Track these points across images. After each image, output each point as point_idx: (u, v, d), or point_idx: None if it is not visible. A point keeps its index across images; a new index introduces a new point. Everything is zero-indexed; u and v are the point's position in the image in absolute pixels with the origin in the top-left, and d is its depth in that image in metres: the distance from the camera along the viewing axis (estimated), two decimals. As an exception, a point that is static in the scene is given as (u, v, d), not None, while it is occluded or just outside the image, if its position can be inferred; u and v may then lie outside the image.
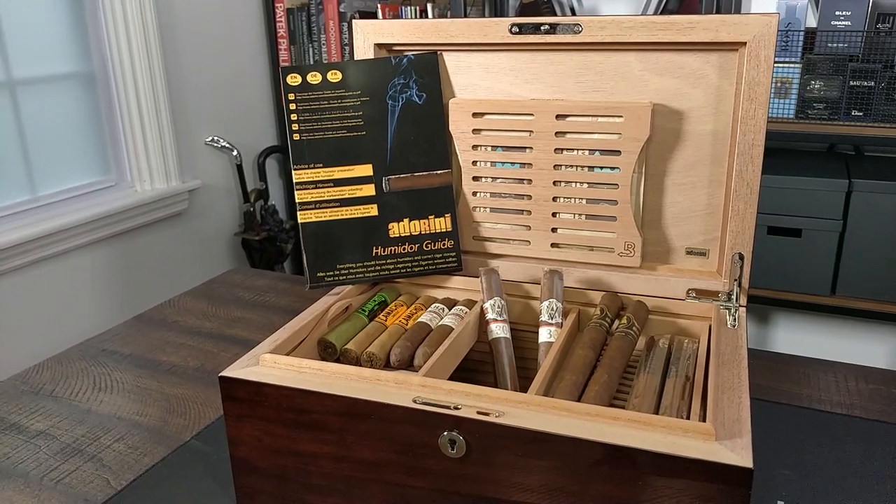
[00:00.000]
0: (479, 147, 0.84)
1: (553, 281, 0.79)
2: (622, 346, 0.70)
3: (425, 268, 0.85)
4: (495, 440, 0.58)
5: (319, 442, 0.65)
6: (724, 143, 0.77)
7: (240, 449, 0.68)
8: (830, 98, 1.98)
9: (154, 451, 0.81)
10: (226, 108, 2.55)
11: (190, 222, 2.48)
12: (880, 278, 2.06)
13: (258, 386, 0.65)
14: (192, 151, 2.45)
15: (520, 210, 0.85)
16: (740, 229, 0.76)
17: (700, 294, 0.79)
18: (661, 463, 0.54)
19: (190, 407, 0.89)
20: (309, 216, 0.83)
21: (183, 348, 1.05)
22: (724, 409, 0.58)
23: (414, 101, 0.83)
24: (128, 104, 2.24)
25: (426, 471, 0.61)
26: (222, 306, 1.19)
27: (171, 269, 2.42)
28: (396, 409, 0.60)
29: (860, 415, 0.84)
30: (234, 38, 2.55)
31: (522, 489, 0.58)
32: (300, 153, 0.83)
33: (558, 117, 0.80)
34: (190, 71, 2.40)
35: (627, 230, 0.81)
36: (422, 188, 0.84)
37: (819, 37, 1.95)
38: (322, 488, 0.66)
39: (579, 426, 0.57)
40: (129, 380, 0.96)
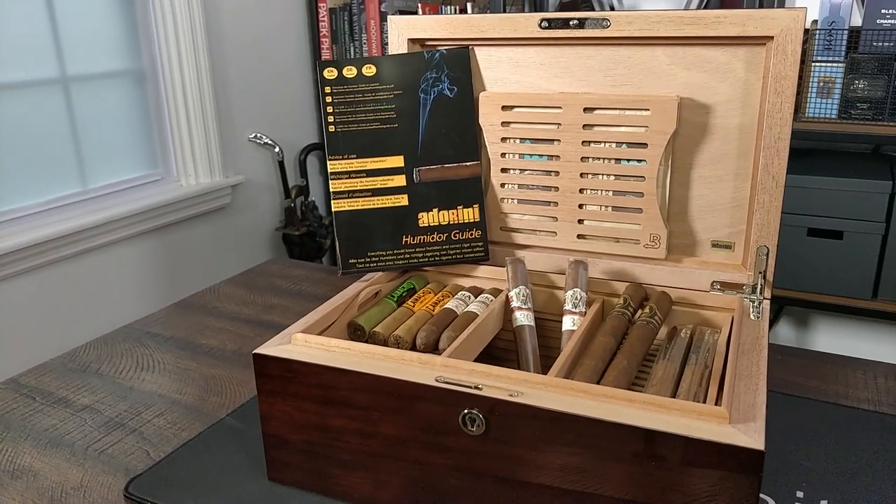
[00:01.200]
0: (507, 139, 0.86)
1: (578, 271, 0.81)
2: (643, 335, 0.72)
3: (453, 257, 0.87)
4: (514, 419, 0.60)
5: (346, 418, 0.67)
6: (750, 137, 0.77)
7: (271, 424, 0.72)
8: (874, 98, 1.94)
9: (191, 427, 0.85)
10: (269, 105, 2.61)
11: (232, 216, 2.54)
12: (925, 283, 2.01)
13: (289, 363, 0.68)
14: (236, 148, 2.52)
15: (547, 202, 0.87)
16: (765, 222, 0.76)
17: (724, 286, 0.80)
18: (675, 444, 0.55)
19: (226, 387, 0.93)
20: (342, 205, 0.86)
21: (221, 332, 1.09)
22: (741, 395, 0.59)
23: (445, 95, 0.86)
24: (175, 101, 2.31)
25: (447, 448, 0.64)
26: (260, 294, 1.23)
27: (213, 262, 2.49)
28: (419, 387, 0.63)
29: (888, 411, 0.83)
30: (278, 38, 2.61)
31: (539, 468, 0.60)
32: (335, 144, 0.86)
33: (586, 110, 0.81)
34: (234, 69, 2.47)
35: (653, 222, 0.82)
36: (451, 179, 0.86)
37: (864, 35, 1.92)
38: (348, 463, 0.69)
39: (596, 407, 0.58)
40: (169, 360, 1.01)
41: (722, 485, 0.54)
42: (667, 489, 0.56)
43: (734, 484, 0.54)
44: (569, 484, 0.60)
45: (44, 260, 1.96)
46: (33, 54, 1.94)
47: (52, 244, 1.97)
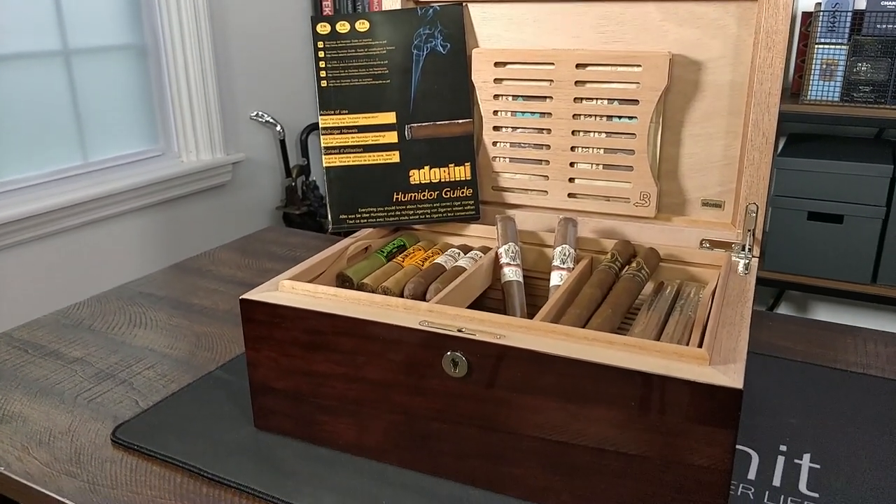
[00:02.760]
0: (500, 97, 0.86)
1: (567, 228, 0.81)
2: (629, 287, 0.72)
3: (444, 215, 0.87)
4: (495, 360, 0.60)
5: (332, 363, 0.68)
6: (741, 94, 0.77)
7: (258, 371, 0.72)
8: (877, 81, 1.93)
9: (181, 379, 0.85)
10: (271, 84, 2.61)
11: (233, 194, 2.55)
12: (924, 268, 2.00)
13: (276, 308, 0.68)
14: (237, 125, 2.52)
15: (538, 160, 0.87)
16: (755, 179, 0.76)
17: (714, 245, 0.80)
18: (655, 384, 0.55)
19: (217, 343, 0.94)
20: (333, 160, 0.86)
21: (215, 293, 1.09)
22: (723, 340, 0.60)
23: (438, 52, 0.86)
24: (177, 77, 2.31)
25: (430, 392, 0.64)
26: (255, 259, 1.23)
27: (212, 239, 2.50)
28: (403, 331, 0.63)
29: (875, 374, 0.83)
30: (281, 16, 2.60)
31: (521, 408, 0.61)
32: (327, 99, 0.86)
33: (578, 66, 0.81)
34: (237, 46, 2.46)
35: (643, 180, 0.82)
36: (443, 137, 0.87)
37: (868, 18, 1.91)
38: (333, 409, 0.69)
39: (578, 349, 0.58)
40: (162, 318, 1.01)
41: (701, 425, 0.54)
42: (646, 431, 0.56)
43: (713, 424, 0.54)
44: (549, 427, 0.60)
45: (44, 231, 1.97)
46: (35, 25, 1.94)
47: (53, 216, 1.97)
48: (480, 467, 0.64)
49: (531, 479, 0.62)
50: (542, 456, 0.61)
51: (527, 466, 0.62)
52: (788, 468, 0.67)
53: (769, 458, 0.69)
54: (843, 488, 0.64)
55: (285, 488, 0.65)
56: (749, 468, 0.67)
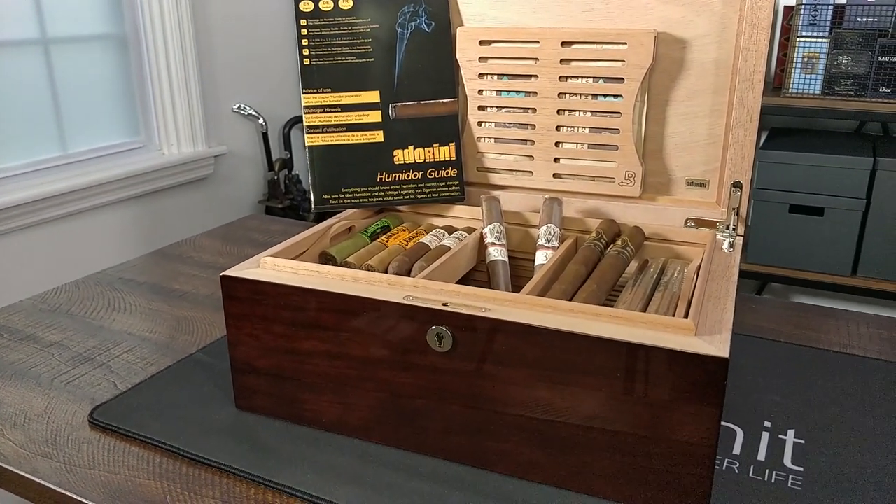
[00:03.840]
0: (485, 76, 0.85)
1: (552, 207, 0.80)
2: (614, 264, 0.71)
3: (429, 195, 0.87)
4: (481, 334, 0.59)
5: (315, 340, 0.67)
6: (726, 72, 0.77)
7: (239, 349, 0.71)
8: (858, 74, 1.95)
9: (160, 362, 0.84)
10: (253, 76, 2.59)
11: (215, 187, 2.52)
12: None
13: (258, 284, 0.67)
14: (219, 118, 2.49)
15: (523, 140, 0.86)
16: (739, 157, 0.76)
17: (698, 223, 0.79)
18: (642, 355, 0.55)
19: (197, 326, 0.92)
20: (316, 139, 0.85)
21: (196, 279, 1.08)
22: (708, 312, 0.59)
23: (423, 30, 0.85)
24: (158, 68, 2.29)
25: (414, 366, 0.63)
26: (237, 245, 1.22)
27: (194, 232, 2.47)
28: (387, 305, 0.62)
29: (858, 353, 0.84)
30: (265, 7, 2.58)
31: (506, 383, 0.60)
32: (310, 77, 0.85)
33: (563, 44, 0.81)
34: (219, 38, 2.44)
35: (628, 159, 0.81)
36: (427, 116, 0.86)
37: (848, 11, 1.92)
38: (316, 387, 0.68)
39: (563, 321, 0.58)
40: (141, 303, 1.00)
41: (688, 395, 0.54)
42: (633, 403, 0.56)
43: (699, 394, 0.54)
44: (535, 402, 0.59)
45: (22, 223, 1.93)
46: (13, 13, 1.91)
47: (31, 207, 1.94)
48: (465, 444, 0.63)
49: (516, 454, 0.62)
50: (527, 431, 0.61)
51: (512, 442, 0.62)
52: (773, 443, 0.67)
53: (754, 433, 0.68)
54: (828, 462, 0.64)
55: (267, 467, 0.64)
56: (734, 444, 0.67)
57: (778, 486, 0.61)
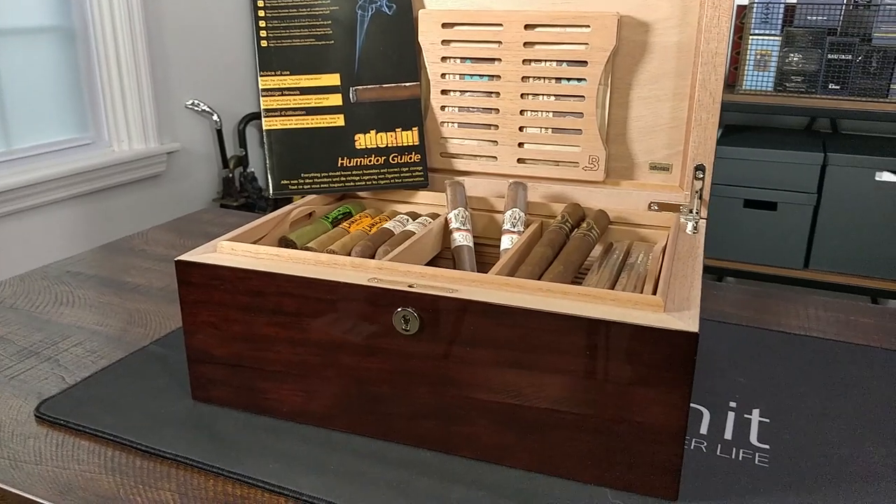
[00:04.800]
0: (448, 59, 0.84)
1: (517, 192, 0.79)
2: (580, 246, 0.71)
3: (392, 181, 0.85)
4: (447, 315, 0.58)
5: (275, 326, 0.64)
6: (688, 56, 0.77)
7: (195, 338, 0.68)
8: (808, 71, 2.00)
9: (112, 355, 0.80)
10: (207, 71, 2.54)
11: (168, 185, 2.46)
12: (852, 252, 2.08)
13: (215, 269, 0.65)
14: (172, 114, 2.43)
15: (487, 125, 0.85)
16: (702, 140, 0.76)
17: (662, 207, 0.80)
18: (612, 331, 0.54)
19: (151, 319, 0.89)
20: (274, 123, 0.83)
21: (148, 272, 1.04)
22: (676, 290, 0.59)
23: (384, 12, 0.83)
24: (107, 62, 2.22)
25: (380, 351, 0.61)
26: (191, 238, 1.18)
27: (147, 231, 2.41)
28: (352, 288, 0.60)
29: (817, 335, 0.85)
30: (218, 2, 2.53)
31: (474, 365, 0.59)
32: (267, 60, 0.82)
33: (527, 27, 0.80)
34: (172, 32, 2.38)
35: (592, 143, 0.81)
36: (389, 100, 0.84)
37: (799, 10, 1.97)
38: (277, 375, 0.66)
39: (532, 300, 0.57)
40: (91, 296, 0.96)
41: (657, 371, 0.54)
42: (602, 381, 0.55)
43: (669, 370, 0.53)
44: (503, 384, 0.58)
45: (-38, 220, 1.85)
46: (-49, 2, 1.83)
47: (-29, 204, 1.86)
48: (432, 428, 0.62)
49: (484, 438, 0.60)
50: (495, 414, 0.59)
51: (480, 425, 0.60)
52: (739, 422, 0.67)
53: (720, 414, 0.68)
54: (792, 439, 0.64)
55: (227, 457, 0.62)
56: (701, 424, 0.67)
57: (745, 463, 0.61)
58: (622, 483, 0.57)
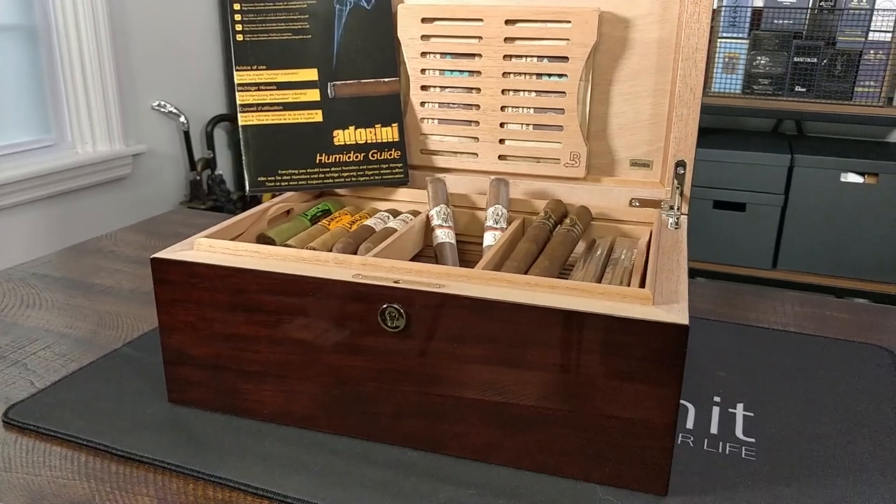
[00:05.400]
0: (427, 54, 0.83)
1: (499, 188, 0.79)
2: (564, 241, 0.70)
3: (371, 178, 0.84)
4: (435, 310, 0.57)
5: (256, 325, 0.63)
6: (668, 51, 0.78)
7: (172, 338, 0.66)
8: (775, 74, 2.04)
9: (82, 358, 0.78)
10: (174, 72, 2.49)
11: (134, 188, 2.41)
12: (819, 252, 2.12)
13: (193, 267, 0.63)
14: (138, 115, 2.38)
15: (468, 121, 0.84)
16: (683, 135, 0.77)
17: (643, 203, 0.80)
18: (601, 325, 0.53)
19: (122, 321, 0.86)
20: (250, 118, 0.81)
21: (118, 273, 1.01)
22: (663, 283, 0.59)
23: (362, 6, 0.82)
24: (70, 62, 2.17)
25: (365, 349, 0.60)
26: (162, 239, 1.15)
27: (112, 235, 2.35)
28: (335, 285, 0.59)
29: (794, 330, 0.86)
30: (185, 1, 2.49)
31: (461, 361, 0.58)
32: (243, 54, 0.81)
33: (507, 23, 0.79)
34: (137, 31, 2.33)
35: (573, 139, 0.81)
36: (368, 96, 0.83)
37: (765, 13, 2.01)
38: (258, 375, 0.64)
39: (520, 294, 0.56)
40: (59, 299, 0.92)
41: (648, 364, 0.53)
42: (592, 375, 0.55)
43: (660, 363, 0.53)
44: (491, 380, 0.57)
45: (-82, 224, 1.79)
46: None
47: (-72, 207, 1.80)
48: (418, 427, 0.61)
49: (472, 436, 0.59)
50: (483, 411, 0.58)
51: (467, 423, 0.59)
52: (724, 417, 0.67)
53: (705, 408, 0.68)
54: (777, 432, 0.65)
55: (206, 461, 0.60)
56: (687, 419, 0.67)
57: (732, 457, 0.61)
58: (612, 479, 0.57)
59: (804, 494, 0.56)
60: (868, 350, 0.80)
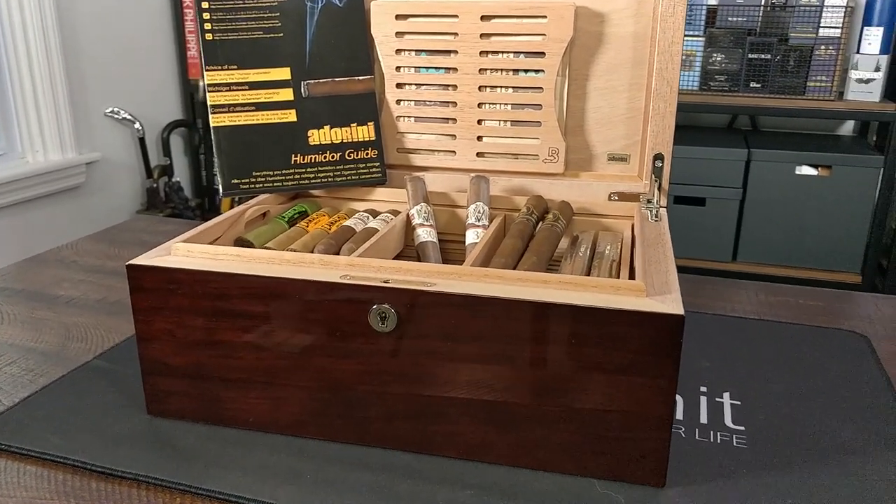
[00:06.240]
0: (402, 52, 0.82)
1: (480, 185, 0.78)
2: (549, 237, 0.70)
3: (348, 178, 0.82)
4: (427, 310, 0.56)
5: (239, 330, 0.61)
6: (644, 45, 0.78)
7: (150, 348, 0.63)
8: (731, 70, 2.08)
9: (51, 372, 0.74)
10: (128, 78, 2.43)
11: (88, 197, 2.34)
12: (777, 243, 2.17)
13: (171, 273, 0.61)
14: (91, 122, 2.31)
15: (445, 119, 0.83)
16: (660, 129, 0.77)
17: (622, 197, 0.80)
18: (596, 318, 0.53)
19: (91, 333, 0.83)
20: (223, 119, 0.79)
21: (83, 283, 0.98)
22: (653, 275, 0.59)
23: (334, 3, 0.81)
24: (18, 68, 2.09)
25: (355, 351, 0.59)
26: (127, 248, 1.12)
27: (67, 246, 2.28)
28: (323, 286, 0.57)
29: (770, 319, 0.87)
30: (138, 5, 2.43)
31: (455, 360, 0.57)
32: (213, 54, 0.78)
33: (483, 18, 0.79)
34: (88, 37, 2.27)
35: (552, 135, 0.81)
36: (343, 94, 0.81)
37: (720, 11, 2.05)
38: (242, 382, 0.62)
39: (513, 290, 0.55)
40: (21, 312, 0.89)
41: (644, 357, 0.53)
42: (588, 369, 0.54)
43: (657, 355, 0.53)
44: (485, 378, 0.56)
45: None
46: None
47: None
48: (411, 429, 0.60)
49: (466, 435, 0.58)
50: (477, 410, 0.58)
51: (461, 423, 0.58)
52: (712, 406, 0.68)
53: (693, 399, 0.69)
54: (765, 419, 0.65)
55: (192, 473, 0.58)
56: (677, 410, 0.67)
57: (724, 445, 0.62)
58: (610, 473, 0.57)
59: (800, 480, 0.57)
60: (843, 336, 0.82)
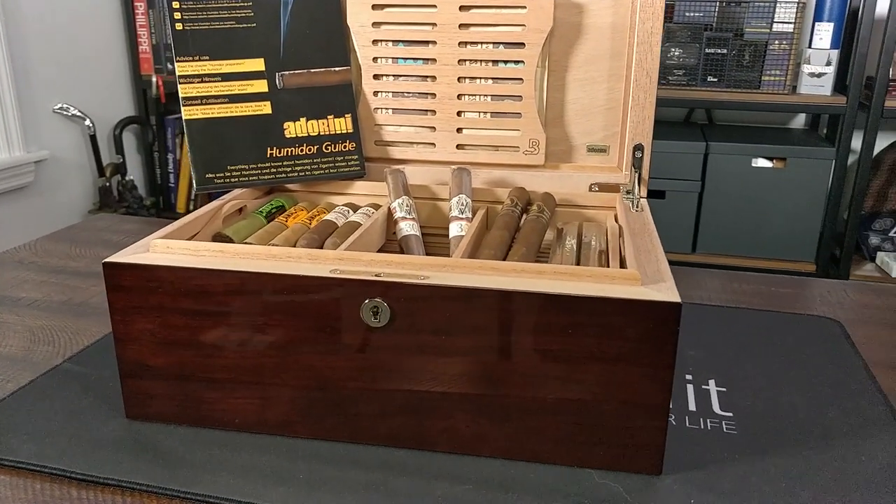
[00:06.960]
0: (379, 42, 0.81)
1: (461, 177, 0.77)
2: (535, 228, 0.70)
3: (326, 171, 0.80)
4: (420, 303, 0.55)
5: (224, 328, 0.59)
6: (623, 36, 0.78)
7: (129, 348, 0.61)
8: (688, 65, 2.11)
9: (19, 378, 0.71)
10: (77, 74, 2.34)
11: (37, 197, 2.25)
12: (735, 235, 2.22)
13: (151, 270, 0.58)
14: (38, 119, 2.23)
15: (424, 110, 0.82)
16: (640, 119, 0.77)
17: (602, 188, 0.80)
18: (593, 308, 0.53)
19: (58, 336, 0.79)
20: (195, 112, 0.76)
21: (45, 285, 0.93)
22: (645, 264, 0.59)
23: (309, -7, 0.79)
24: (-41, 62, 2.00)
25: (346, 347, 0.57)
26: (89, 247, 1.08)
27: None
28: (312, 281, 0.56)
29: (746, 307, 0.88)
30: (85, 1, 2.34)
31: (450, 353, 0.56)
32: (183, 43, 0.76)
33: (462, 9, 0.78)
34: (34, 30, 2.18)
35: (532, 126, 0.80)
36: (319, 86, 0.80)
37: (678, 6, 2.08)
38: (227, 382, 0.60)
39: (508, 281, 0.55)
40: (-20, 315, 0.84)
41: (641, 345, 0.53)
42: (585, 360, 0.54)
43: (654, 343, 0.53)
44: (481, 370, 0.56)
45: None
46: None
47: None
48: (404, 425, 0.59)
49: (460, 429, 0.58)
50: (470, 403, 0.57)
51: (455, 417, 0.58)
52: (699, 394, 0.68)
53: (679, 387, 0.69)
54: (751, 405, 0.66)
55: (179, 477, 0.55)
56: (664, 398, 0.67)
57: (715, 432, 0.62)
58: (607, 463, 0.56)
59: (791, 463, 0.58)
60: (819, 322, 0.84)
